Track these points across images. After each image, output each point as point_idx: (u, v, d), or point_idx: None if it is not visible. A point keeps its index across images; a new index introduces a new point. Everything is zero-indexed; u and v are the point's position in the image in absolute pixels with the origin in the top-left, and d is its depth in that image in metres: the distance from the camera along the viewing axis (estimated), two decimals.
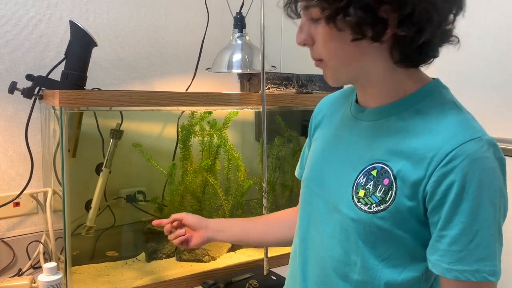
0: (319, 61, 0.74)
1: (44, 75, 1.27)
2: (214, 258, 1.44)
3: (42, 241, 1.38)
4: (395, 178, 0.68)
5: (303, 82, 1.57)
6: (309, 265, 0.82)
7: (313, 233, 0.82)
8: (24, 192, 1.34)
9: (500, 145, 1.47)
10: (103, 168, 1.35)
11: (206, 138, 1.48)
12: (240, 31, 1.42)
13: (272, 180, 1.65)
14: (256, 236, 1.06)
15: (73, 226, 1.31)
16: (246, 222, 1.10)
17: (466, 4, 0.69)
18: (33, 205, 1.40)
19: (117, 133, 1.36)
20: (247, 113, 1.66)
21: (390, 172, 0.69)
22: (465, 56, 1.61)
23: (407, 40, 0.66)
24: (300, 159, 1.01)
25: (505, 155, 1.44)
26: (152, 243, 1.41)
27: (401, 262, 0.71)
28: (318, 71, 0.77)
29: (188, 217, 1.05)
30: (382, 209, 0.69)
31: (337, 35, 0.67)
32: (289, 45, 1.90)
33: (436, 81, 0.74)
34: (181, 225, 1.05)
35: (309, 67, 1.99)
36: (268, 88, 1.47)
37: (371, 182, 0.71)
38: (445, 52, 0.76)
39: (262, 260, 1.36)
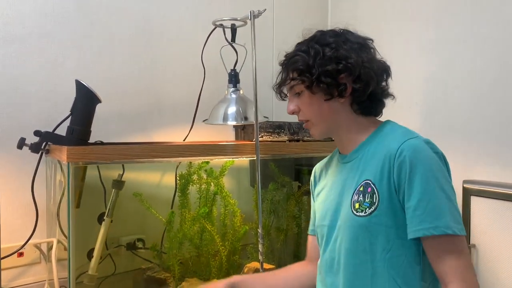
0: (306, 122, 1.06)
1: (50, 130, 1.35)
2: None
3: None
4: (374, 184, 0.94)
5: (294, 130, 1.66)
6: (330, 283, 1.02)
7: (340, 257, 0.99)
8: (28, 242, 1.39)
9: (480, 187, 1.56)
10: (105, 218, 1.41)
11: (203, 186, 1.55)
12: (234, 86, 1.52)
13: (267, 224, 1.71)
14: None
15: (75, 275, 1.35)
16: (267, 279, 1.20)
17: (392, 71, 1.05)
18: (36, 255, 1.45)
19: (118, 184, 1.42)
20: (242, 160, 1.74)
21: (370, 182, 0.95)
22: (444, 104, 1.72)
23: (360, 93, 0.99)
24: (310, 220, 1.21)
25: (486, 197, 1.52)
26: None
27: (401, 250, 0.92)
28: None
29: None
30: (374, 209, 0.93)
31: (315, 99, 1.01)
32: None
33: (388, 120, 1.06)
34: None
35: None
36: (262, 136, 1.56)
37: (361, 195, 0.96)
38: (427, 100, 0.96)
39: None
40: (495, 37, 1.56)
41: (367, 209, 0.94)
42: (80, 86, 1.33)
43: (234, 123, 1.51)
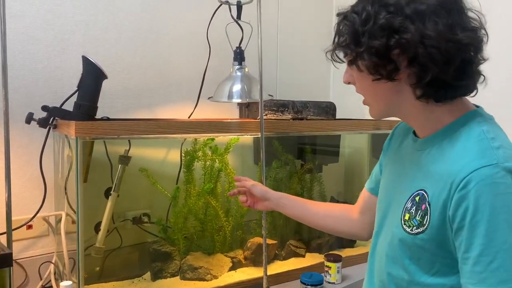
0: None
1: (58, 105, 1.36)
2: (216, 277, 1.51)
3: (53, 261, 1.45)
4: (429, 204, 0.77)
5: (298, 108, 1.67)
6: (374, 271, 0.94)
7: (378, 246, 0.93)
8: (37, 215, 1.42)
9: None
10: (111, 192, 1.44)
11: (208, 163, 1.57)
12: (240, 64, 1.53)
13: None
14: (311, 220, 1.18)
15: (83, 247, 1.38)
16: (308, 205, 1.19)
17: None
18: (44, 227, 1.48)
19: (125, 159, 1.45)
20: (246, 138, 1.76)
21: (426, 198, 0.78)
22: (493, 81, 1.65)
23: (417, 78, 0.75)
24: (370, 174, 1.11)
25: None
26: (157, 263, 1.48)
27: (446, 278, 0.77)
28: (312, 98, 0.88)
29: (254, 190, 1.21)
30: (421, 231, 0.77)
31: (365, 76, 0.80)
32: (285, 75, 2.02)
33: (474, 111, 0.81)
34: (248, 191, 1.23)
35: (303, 94, 2.09)
36: (266, 114, 1.58)
37: (414, 207, 0.80)
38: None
39: (261, 278, 1.44)
40: None
41: (414, 228, 0.79)
42: (86, 62, 1.35)
43: (239, 100, 1.52)
